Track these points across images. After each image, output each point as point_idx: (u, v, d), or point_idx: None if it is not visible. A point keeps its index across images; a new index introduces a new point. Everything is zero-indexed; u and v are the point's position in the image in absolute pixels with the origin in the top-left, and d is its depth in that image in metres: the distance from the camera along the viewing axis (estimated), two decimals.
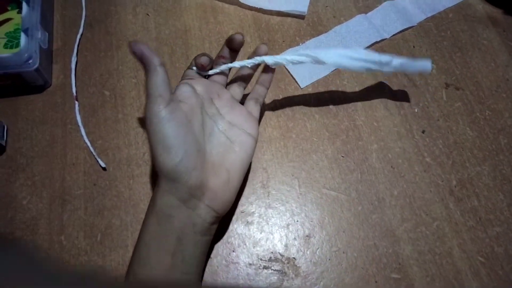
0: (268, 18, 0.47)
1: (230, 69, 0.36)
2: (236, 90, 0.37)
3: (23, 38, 0.39)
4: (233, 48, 0.35)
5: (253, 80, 0.38)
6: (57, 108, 0.41)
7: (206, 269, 0.34)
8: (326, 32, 0.46)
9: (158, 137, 0.28)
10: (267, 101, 0.42)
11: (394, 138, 0.41)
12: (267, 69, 0.36)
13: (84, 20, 0.46)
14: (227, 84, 0.37)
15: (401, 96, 0.43)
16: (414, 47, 0.46)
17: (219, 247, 0.35)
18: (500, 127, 0.41)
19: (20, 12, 0.41)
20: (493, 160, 0.40)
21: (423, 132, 0.41)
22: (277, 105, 0.42)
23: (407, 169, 0.39)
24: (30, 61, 0.39)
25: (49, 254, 0.35)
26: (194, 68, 0.34)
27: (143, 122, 0.40)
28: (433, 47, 0.46)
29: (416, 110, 0.42)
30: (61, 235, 0.36)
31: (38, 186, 0.37)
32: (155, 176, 0.36)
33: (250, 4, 0.47)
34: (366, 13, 0.48)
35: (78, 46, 0.44)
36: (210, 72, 0.35)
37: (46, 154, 0.39)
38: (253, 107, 0.36)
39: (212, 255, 0.35)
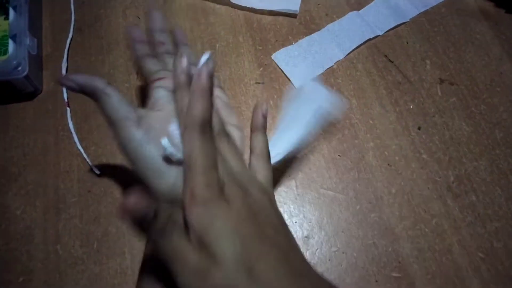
0: (260, 18, 0.46)
1: None
2: None
3: (11, 45, 0.38)
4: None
5: None
6: (49, 115, 0.40)
7: None
8: (319, 30, 0.46)
9: (142, 163, 0.25)
10: (262, 100, 0.42)
11: (390, 135, 0.40)
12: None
13: (74, 25, 0.45)
14: None
15: (396, 93, 0.43)
16: (407, 43, 0.46)
17: None
18: (495, 121, 0.41)
19: (7, 18, 0.40)
20: (490, 155, 0.40)
21: (419, 128, 0.41)
22: (271, 106, 0.41)
23: (404, 166, 0.39)
24: (19, 68, 0.38)
25: (45, 264, 0.34)
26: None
27: None
28: (427, 42, 0.46)
29: (411, 107, 0.42)
30: (57, 244, 0.35)
31: (32, 196, 0.37)
32: None
33: (242, 4, 0.46)
34: (358, 10, 0.47)
35: (68, 51, 0.44)
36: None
37: (39, 163, 0.38)
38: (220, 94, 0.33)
39: None
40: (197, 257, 0.21)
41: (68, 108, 0.40)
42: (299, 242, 0.36)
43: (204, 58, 0.26)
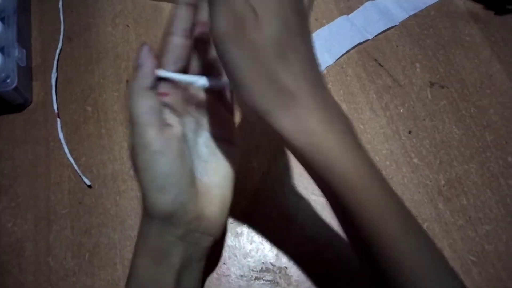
0: None
1: None
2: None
3: None
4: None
5: None
6: (39, 126, 0.40)
7: None
8: None
9: (148, 175, 0.24)
10: None
11: (381, 140, 0.40)
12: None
13: (63, 34, 0.45)
14: None
15: (386, 97, 0.43)
16: (397, 46, 0.46)
17: (209, 260, 0.35)
18: (485, 124, 0.41)
19: None
20: (480, 158, 0.40)
21: (409, 132, 0.41)
22: None
23: (395, 170, 0.39)
24: (8, 80, 0.38)
25: (36, 277, 0.34)
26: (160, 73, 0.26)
27: (127, 135, 0.40)
28: (416, 45, 0.46)
29: (401, 111, 0.42)
30: (48, 256, 0.35)
31: (23, 208, 0.37)
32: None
33: None
34: (348, 14, 0.47)
35: (57, 61, 0.44)
36: (175, 76, 0.27)
37: (29, 174, 0.38)
38: None
39: None
40: (242, 4, 0.20)
41: (58, 119, 0.40)
42: None
43: None
